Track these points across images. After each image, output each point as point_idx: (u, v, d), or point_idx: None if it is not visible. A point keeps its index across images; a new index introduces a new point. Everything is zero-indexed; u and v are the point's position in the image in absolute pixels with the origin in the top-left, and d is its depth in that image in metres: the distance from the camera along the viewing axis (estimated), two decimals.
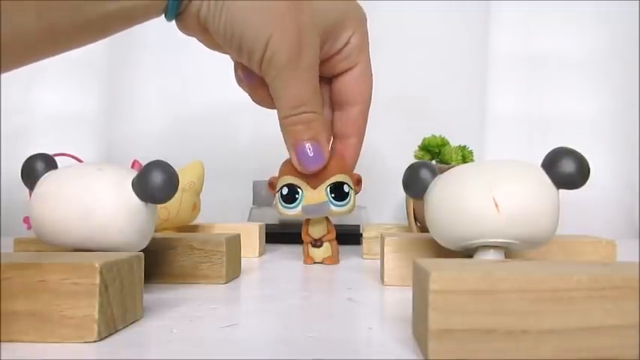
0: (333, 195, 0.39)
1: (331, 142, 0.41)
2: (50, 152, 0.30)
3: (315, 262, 0.42)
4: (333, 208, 0.39)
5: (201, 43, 0.36)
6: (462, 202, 0.26)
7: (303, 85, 0.34)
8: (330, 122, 0.41)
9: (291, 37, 0.32)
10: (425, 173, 0.29)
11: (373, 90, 0.39)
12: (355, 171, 0.41)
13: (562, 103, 0.71)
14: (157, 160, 0.27)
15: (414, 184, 0.29)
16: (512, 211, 0.25)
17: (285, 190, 0.39)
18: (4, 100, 0.67)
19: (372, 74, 0.39)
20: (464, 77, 0.70)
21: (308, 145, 0.36)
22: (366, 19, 0.38)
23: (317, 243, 0.41)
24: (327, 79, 0.39)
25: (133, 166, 0.42)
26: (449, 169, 0.29)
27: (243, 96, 0.39)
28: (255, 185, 0.60)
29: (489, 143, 0.71)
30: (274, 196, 0.40)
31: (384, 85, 0.38)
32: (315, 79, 0.35)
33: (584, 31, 0.71)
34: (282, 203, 0.39)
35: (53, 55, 0.31)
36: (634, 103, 0.69)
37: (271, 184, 0.41)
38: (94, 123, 0.71)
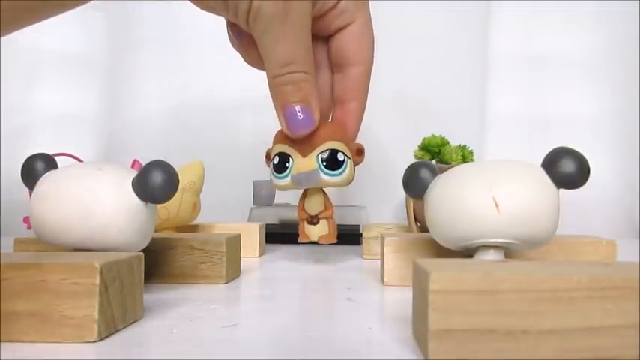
0: (325, 163, 0.36)
1: (331, 108, 0.39)
2: (50, 152, 0.30)
3: (310, 242, 0.39)
4: (324, 177, 0.36)
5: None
6: (462, 202, 0.26)
7: (293, 41, 0.32)
8: (329, 86, 0.38)
9: None
10: (425, 173, 0.29)
11: (372, 89, 0.38)
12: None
13: (562, 103, 0.71)
14: (157, 160, 0.27)
15: (414, 184, 0.29)
16: (512, 211, 0.25)
17: (276, 160, 0.37)
18: (4, 100, 0.67)
19: (372, 32, 0.37)
20: (464, 77, 0.70)
21: (297, 107, 0.33)
22: None
23: (313, 220, 0.39)
24: (324, 39, 0.37)
25: (133, 166, 0.42)
26: (449, 169, 0.29)
27: (243, 96, 0.39)
28: (255, 185, 0.60)
29: (489, 143, 0.71)
30: (269, 167, 0.38)
31: (384, 85, 0.38)
32: (306, 35, 0.33)
33: (584, 31, 0.71)
34: (274, 173, 0.37)
35: (29, 24, 0.30)
36: (634, 103, 0.69)
37: (267, 156, 0.39)
38: (94, 123, 0.71)
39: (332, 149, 0.36)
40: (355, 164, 0.37)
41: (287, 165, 0.36)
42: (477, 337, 0.17)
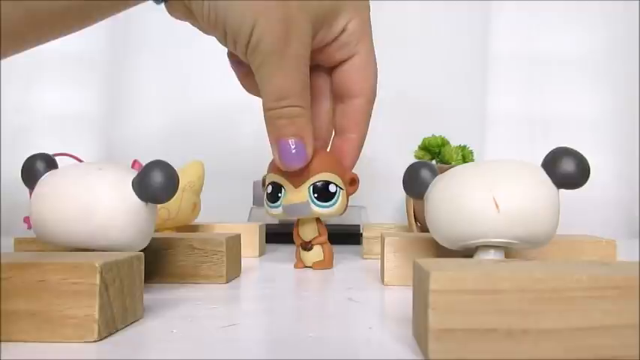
0: (316, 195, 0.36)
1: (332, 137, 0.39)
2: (50, 152, 0.30)
3: (305, 266, 0.40)
4: (315, 208, 0.36)
5: (197, 30, 0.35)
6: (462, 202, 0.26)
7: (290, 75, 0.32)
8: (330, 115, 0.39)
9: (278, 23, 0.30)
10: (425, 173, 0.29)
11: None
12: (354, 170, 0.39)
13: (562, 102, 0.71)
14: (157, 160, 0.27)
15: (414, 184, 0.29)
16: (512, 211, 0.25)
17: (269, 189, 0.38)
18: (4, 100, 0.67)
19: (375, 65, 0.37)
20: (464, 77, 0.70)
21: (291, 141, 0.34)
22: (368, 6, 0.36)
23: (307, 246, 0.39)
24: (327, 69, 0.37)
25: (133, 166, 0.42)
26: (449, 169, 0.29)
27: (243, 96, 0.39)
28: (255, 185, 0.60)
29: (489, 143, 0.71)
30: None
31: (383, 85, 0.38)
32: (303, 70, 0.33)
33: (584, 31, 0.71)
34: (268, 202, 0.38)
35: (39, 43, 0.30)
36: (634, 103, 0.69)
37: (263, 182, 0.39)
38: (94, 123, 0.71)
39: (324, 181, 0.36)
40: (348, 194, 0.38)
41: (279, 195, 0.37)
42: (477, 337, 0.17)
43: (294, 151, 0.34)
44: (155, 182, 0.26)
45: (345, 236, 0.38)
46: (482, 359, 0.17)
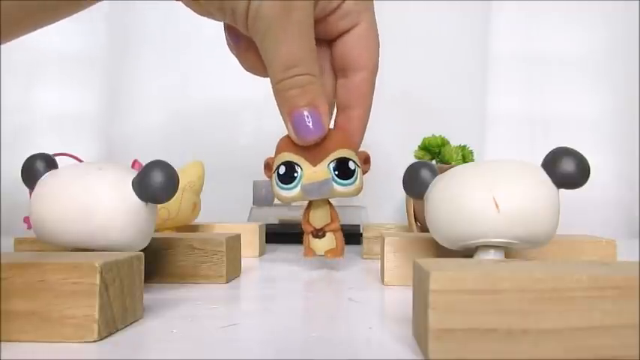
0: (336, 172, 0.34)
1: (334, 114, 0.37)
2: (50, 152, 0.30)
3: (316, 255, 0.37)
4: (337, 187, 0.34)
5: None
6: (462, 202, 0.26)
7: (296, 42, 0.30)
8: (332, 91, 0.37)
9: None
10: (425, 173, 0.29)
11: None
12: None
13: (562, 102, 0.71)
14: (157, 160, 0.27)
15: (414, 184, 0.29)
16: (512, 211, 0.25)
17: (282, 169, 0.34)
18: (4, 100, 0.67)
19: (377, 36, 0.35)
20: (464, 77, 0.70)
21: (305, 112, 0.32)
22: None
23: (319, 233, 0.36)
24: (327, 43, 0.36)
25: (133, 166, 0.42)
26: (449, 169, 0.29)
27: (243, 95, 0.38)
28: (255, 185, 0.60)
29: (489, 143, 0.71)
30: (271, 178, 0.36)
31: (384, 85, 0.38)
32: (309, 35, 0.31)
33: (584, 31, 0.71)
34: (280, 184, 0.35)
35: (26, 32, 0.30)
36: (634, 103, 0.69)
37: (267, 166, 0.37)
38: (94, 122, 0.71)
39: (343, 157, 0.34)
40: (364, 173, 0.36)
41: (295, 175, 0.34)
42: (477, 337, 0.17)
43: (309, 122, 0.32)
44: (155, 182, 0.26)
45: (345, 236, 0.37)
46: (482, 359, 0.17)
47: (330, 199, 0.36)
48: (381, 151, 0.66)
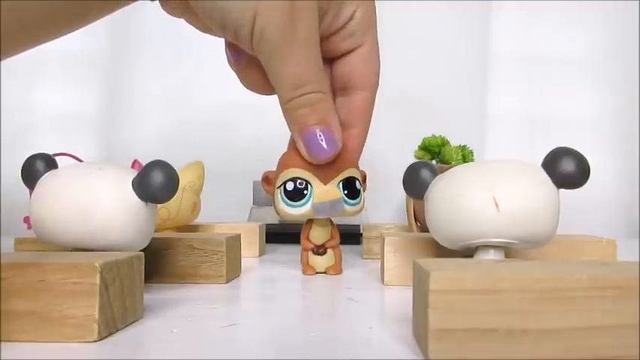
0: (345, 192, 0.34)
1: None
2: (50, 152, 0.30)
3: (317, 273, 0.37)
4: (346, 206, 0.34)
5: (198, 30, 0.34)
6: (462, 202, 0.26)
7: (303, 61, 0.30)
8: None
9: (280, 8, 0.28)
10: (425, 173, 0.29)
11: None
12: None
13: (562, 102, 0.71)
14: (157, 160, 0.27)
15: (414, 184, 0.29)
16: (512, 211, 0.25)
17: (290, 186, 0.34)
18: (4, 100, 0.67)
19: (379, 57, 0.35)
20: (464, 77, 0.70)
21: (317, 130, 0.31)
22: None
23: (319, 250, 0.36)
24: (327, 61, 0.35)
25: (133, 166, 0.42)
26: (449, 169, 0.29)
27: (243, 96, 0.38)
28: (255, 185, 0.60)
29: (489, 143, 0.71)
30: (271, 192, 0.36)
31: (383, 85, 0.38)
32: (316, 52, 0.31)
33: (584, 31, 0.71)
34: (287, 201, 0.34)
35: (30, 46, 0.30)
36: (634, 103, 0.69)
37: (267, 180, 0.36)
38: (95, 123, 0.71)
39: (351, 177, 0.34)
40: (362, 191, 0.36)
41: (305, 192, 0.34)
42: (477, 337, 0.17)
43: (322, 140, 0.31)
44: (155, 182, 0.26)
45: (345, 236, 0.37)
46: (482, 359, 0.17)
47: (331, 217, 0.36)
48: (381, 151, 0.66)
